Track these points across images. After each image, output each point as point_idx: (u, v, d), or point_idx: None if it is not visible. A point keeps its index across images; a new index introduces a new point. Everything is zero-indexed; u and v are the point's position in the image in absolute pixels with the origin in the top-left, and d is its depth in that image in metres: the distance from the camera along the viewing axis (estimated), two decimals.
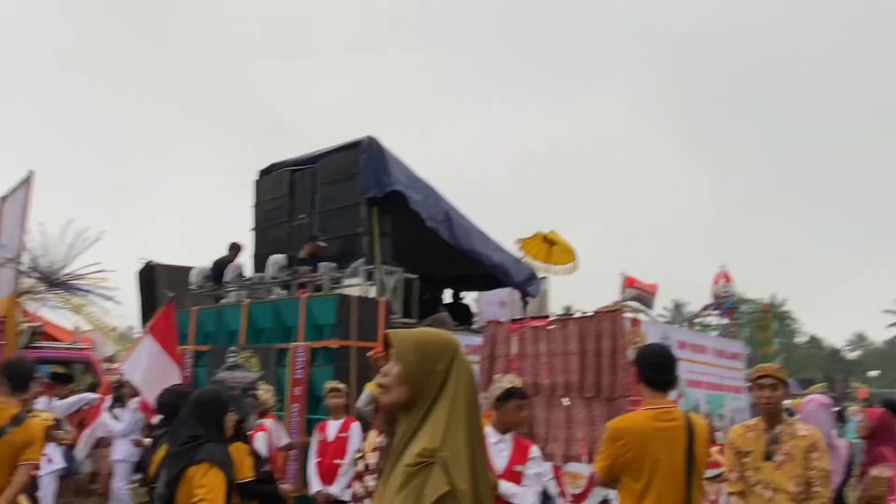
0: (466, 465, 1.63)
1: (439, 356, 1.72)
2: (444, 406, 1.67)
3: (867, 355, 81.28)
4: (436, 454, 1.59)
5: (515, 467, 3.41)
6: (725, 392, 7.05)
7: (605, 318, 6.07)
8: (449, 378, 1.71)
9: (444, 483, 1.55)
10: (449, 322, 9.08)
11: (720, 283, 9.36)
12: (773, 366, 3.77)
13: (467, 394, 1.72)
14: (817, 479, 3.24)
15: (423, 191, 8.89)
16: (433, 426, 1.65)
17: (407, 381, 1.70)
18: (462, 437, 1.65)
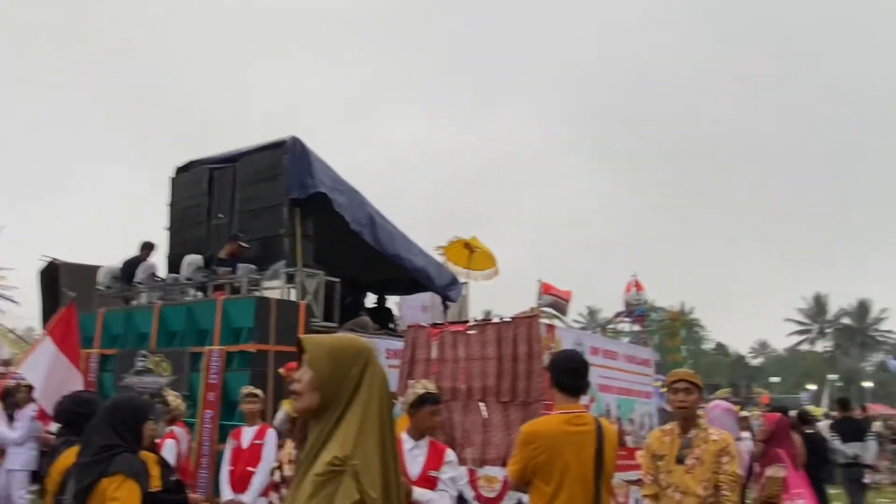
0: (378, 472, 1.63)
1: (352, 362, 1.71)
2: (357, 412, 1.67)
3: (769, 362, 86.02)
4: (347, 462, 1.58)
5: (430, 472, 3.41)
6: (635, 397, 7.33)
7: (522, 323, 6.20)
8: (362, 384, 1.71)
9: (355, 491, 1.55)
10: (370, 326, 9.05)
11: (632, 292, 9.72)
12: (688, 371, 3.86)
13: (381, 400, 1.72)
14: (726, 483, 3.34)
15: (348, 194, 8.83)
16: (345, 433, 1.64)
17: (319, 387, 1.69)
18: (374, 443, 1.66)
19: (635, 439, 7.14)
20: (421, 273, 9.76)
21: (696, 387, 3.63)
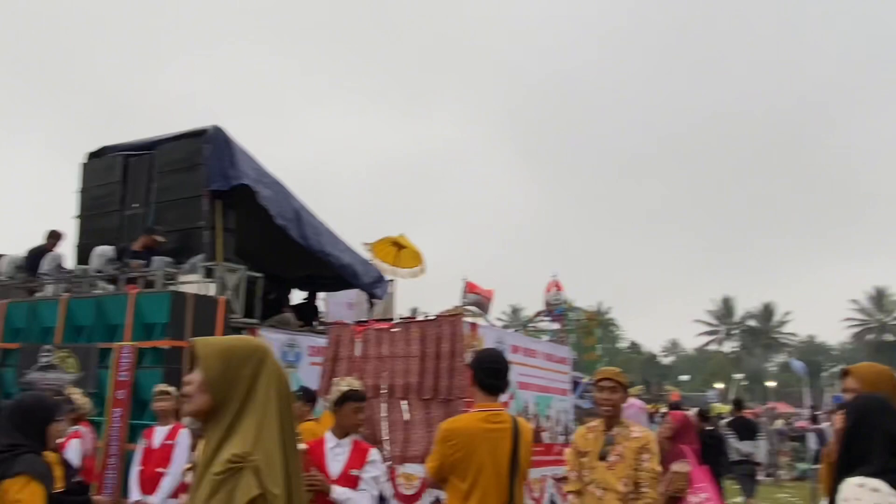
0: (280, 469, 1.63)
1: (244, 362, 1.70)
2: (255, 412, 1.67)
3: (679, 361, 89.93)
4: (247, 459, 1.58)
5: (352, 471, 3.38)
6: (552, 394, 7.52)
7: (446, 321, 6.26)
8: (257, 384, 1.70)
9: (255, 486, 1.55)
10: (293, 323, 8.91)
11: (552, 291, 9.96)
12: (614, 370, 3.90)
13: (279, 399, 1.72)
14: (645, 479, 3.44)
15: (273, 187, 8.65)
16: (244, 432, 1.63)
17: (209, 388, 1.67)
18: (275, 441, 1.66)
19: (551, 435, 7.33)
20: (347, 270, 9.68)
21: (622, 385, 3.72)
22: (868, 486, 2.16)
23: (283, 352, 8.16)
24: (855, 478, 2.22)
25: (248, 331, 7.67)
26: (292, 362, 8.22)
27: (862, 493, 2.15)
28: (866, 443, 2.29)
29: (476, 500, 2.97)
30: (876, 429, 2.32)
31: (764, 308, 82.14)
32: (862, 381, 2.95)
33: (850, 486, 2.20)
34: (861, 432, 2.33)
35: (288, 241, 8.81)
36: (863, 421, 2.36)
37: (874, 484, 2.16)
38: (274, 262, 10.02)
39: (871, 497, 2.14)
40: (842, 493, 2.23)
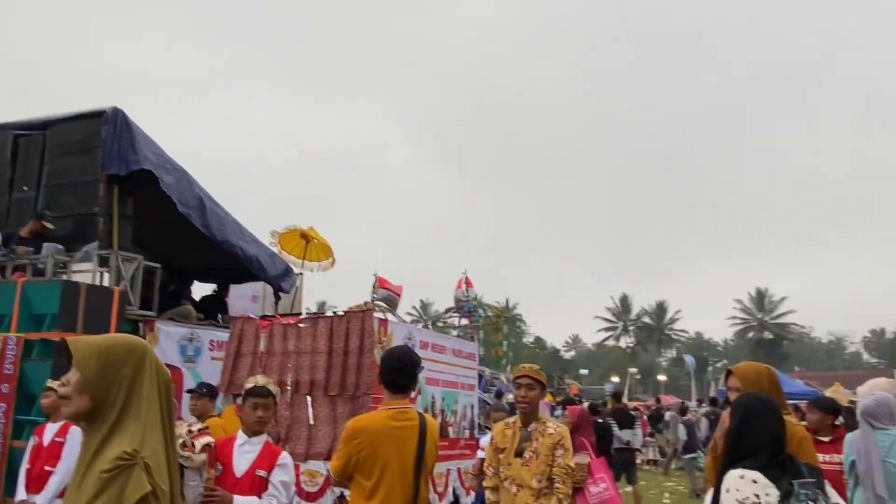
0: (165, 467, 1.65)
1: (124, 361, 1.69)
2: (138, 411, 1.67)
3: (580, 355, 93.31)
4: (136, 456, 1.57)
5: (258, 471, 3.31)
6: (459, 389, 7.65)
7: (355, 317, 6.24)
8: (138, 382, 1.69)
9: (146, 483, 1.55)
10: (193, 315, 8.61)
11: (462, 288, 10.11)
12: (532, 367, 3.94)
13: (160, 397, 1.72)
14: (558, 475, 3.53)
15: (176, 173, 8.30)
16: (130, 431, 1.63)
17: (87, 389, 1.65)
18: (159, 440, 1.67)
19: (457, 430, 7.46)
20: (252, 261, 9.42)
21: (539, 383, 3.80)
22: (748, 477, 2.35)
23: (182, 346, 7.89)
24: (737, 469, 2.40)
25: (144, 324, 7.37)
26: (191, 357, 7.96)
27: (742, 484, 2.35)
28: (752, 441, 2.49)
29: (380, 498, 3.00)
30: (761, 428, 2.52)
31: (658, 306, 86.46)
32: (744, 380, 3.20)
33: (733, 478, 2.39)
34: (747, 431, 2.53)
35: (190, 230, 8.49)
36: (748, 420, 2.55)
37: (753, 475, 2.35)
38: (175, 252, 9.64)
39: (750, 487, 2.33)
40: (724, 483, 2.42)
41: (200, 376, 7.98)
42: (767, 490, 2.33)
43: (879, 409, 4.64)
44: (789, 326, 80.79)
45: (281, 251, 10.59)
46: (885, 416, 4.63)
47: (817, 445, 4.94)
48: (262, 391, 3.55)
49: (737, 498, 2.34)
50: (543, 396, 3.77)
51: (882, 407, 4.65)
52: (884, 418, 4.61)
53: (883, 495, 4.38)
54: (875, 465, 4.46)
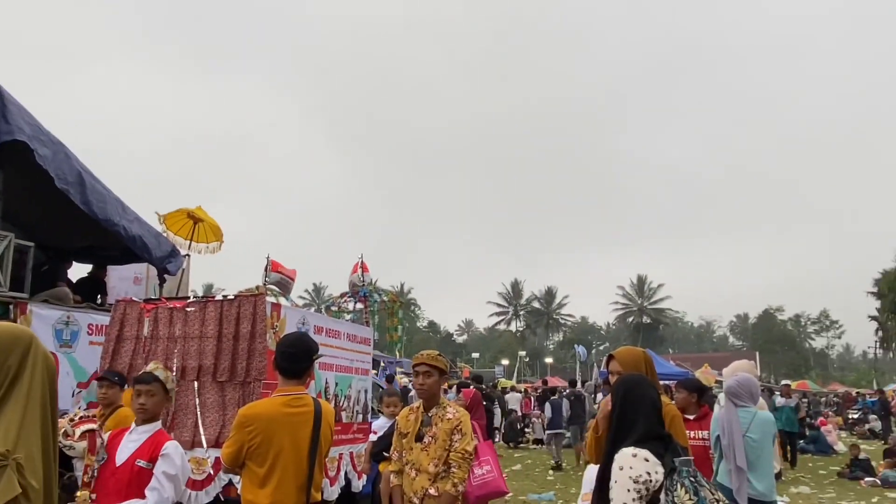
0: (40, 462, 1.60)
1: (9, 351, 1.62)
2: (18, 403, 1.61)
3: (472, 339, 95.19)
4: (9, 457, 1.53)
5: (138, 461, 3.18)
6: (353, 374, 7.65)
7: (247, 301, 6.09)
8: (22, 373, 1.63)
9: (16, 486, 1.51)
10: (69, 298, 8.10)
11: (357, 273, 10.06)
12: (430, 354, 3.97)
13: (43, 388, 1.67)
14: (455, 460, 3.58)
15: (52, 146, 7.71)
16: (6, 425, 1.58)
17: None
18: (36, 434, 1.62)
19: (349, 414, 7.46)
20: (136, 241, 8.92)
21: (437, 369, 3.84)
22: (640, 455, 2.50)
23: (58, 330, 7.42)
24: (629, 448, 2.54)
25: (15, 306, 6.87)
26: (68, 342, 7.50)
27: (636, 462, 2.49)
28: (634, 412, 2.66)
29: (273, 485, 2.97)
30: (641, 398, 2.70)
31: (547, 291, 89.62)
32: (624, 364, 3.44)
33: (626, 456, 2.52)
34: (629, 404, 2.70)
35: (68, 207, 7.93)
36: (630, 394, 2.73)
37: (645, 454, 2.51)
38: (51, 230, 9.00)
39: (643, 465, 2.48)
40: (617, 461, 2.55)
41: (77, 362, 7.55)
42: (656, 468, 2.49)
43: (741, 389, 5.08)
44: (665, 311, 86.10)
45: (166, 231, 10.11)
46: (745, 395, 5.07)
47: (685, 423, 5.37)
48: (144, 377, 3.42)
49: (630, 476, 2.47)
50: (443, 382, 3.81)
51: (743, 387, 5.10)
52: (745, 397, 5.06)
53: (742, 467, 4.82)
54: (736, 439, 4.89)
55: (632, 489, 2.46)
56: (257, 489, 2.98)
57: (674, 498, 2.45)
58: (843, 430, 24.06)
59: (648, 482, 2.46)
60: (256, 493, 2.98)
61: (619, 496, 2.48)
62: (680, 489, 2.46)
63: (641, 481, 2.46)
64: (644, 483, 2.46)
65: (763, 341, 77.71)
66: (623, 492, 2.47)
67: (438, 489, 3.56)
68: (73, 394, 7.17)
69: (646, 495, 2.47)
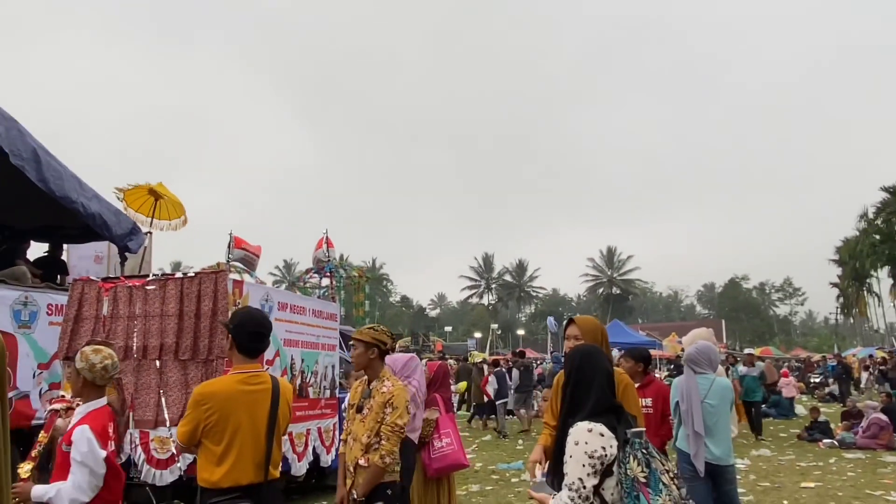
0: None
1: None
2: None
3: (445, 313, 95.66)
4: None
5: (64, 446, 3.09)
6: (320, 350, 7.62)
7: (208, 278, 6.01)
8: None
9: None
10: (26, 277, 7.91)
11: (322, 248, 9.97)
12: (362, 329, 4.03)
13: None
14: (384, 432, 3.63)
15: (4, 122, 7.45)
16: None
17: None
18: None
19: (316, 390, 7.45)
20: (95, 219, 8.71)
21: (362, 342, 3.87)
22: (596, 430, 2.51)
23: (16, 310, 7.25)
24: (584, 422, 2.55)
25: None
26: (26, 322, 7.34)
27: (591, 437, 2.50)
28: (588, 383, 2.68)
29: (230, 463, 2.95)
30: (595, 369, 2.72)
31: (518, 264, 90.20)
32: (583, 330, 3.49)
33: (581, 430, 2.53)
34: (582, 373, 2.72)
35: (24, 185, 7.71)
36: (584, 363, 2.75)
37: (600, 429, 2.52)
38: (7, 209, 8.75)
39: (598, 440, 2.50)
40: (572, 436, 2.56)
41: (37, 343, 7.40)
42: (611, 442, 2.52)
43: (699, 357, 5.18)
44: (634, 282, 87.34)
45: (127, 208, 9.90)
46: (704, 362, 5.17)
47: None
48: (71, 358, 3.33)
49: (585, 451, 2.49)
50: (373, 355, 3.83)
51: (702, 354, 5.19)
52: (703, 364, 5.16)
53: (700, 432, 4.93)
54: (695, 405, 4.99)
55: (587, 464, 2.48)
56: (214, 467, 2.96)
57: (626, 470, 2.48)
58: (804, 395, 24.79)
59: (603, 456, 2.49)
60: (213, 471, 2.96)
61: (574, 471, 2.51)
62: (632, 461, 2.49)
63: (597, 456, 2.48)
64: (599, 458, 2.48)
65: (729, 309, 79.48)
66: (578, 467, 2.50)
67: (368, 460, 3.61)
68: (33, 374, 7.04)
69: (600, 469, 2.50)
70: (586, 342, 3.50)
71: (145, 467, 5.64)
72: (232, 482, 2.96)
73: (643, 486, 2.47)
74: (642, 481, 2.48)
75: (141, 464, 5.66)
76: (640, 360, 5.62)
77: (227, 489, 2.96)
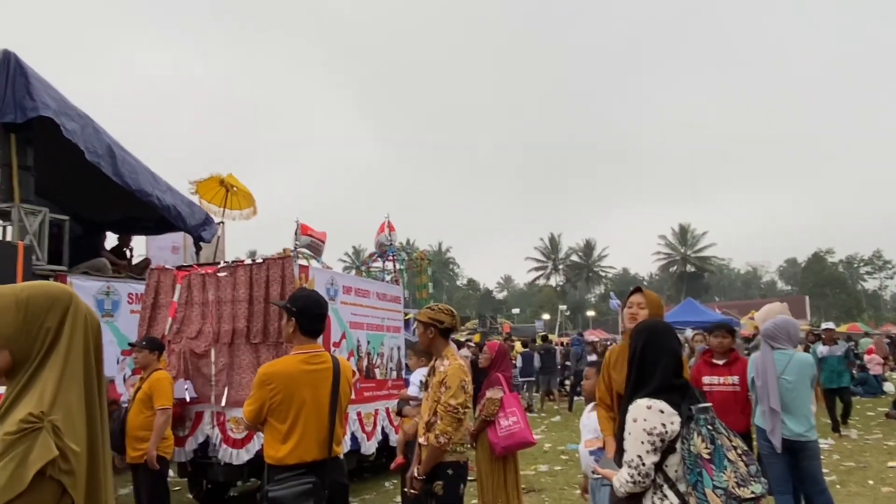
0: (83, 425, 1.56)
1: (47, 312, 1.58)
2: (56, 365, 1.56)
3: (512, 295, 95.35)
4: (44, 418, 1.49)
5: None
6: (385, 332, 7.72)
7: (275, 264, 6.16)
8: (61, 335, 1.60)
9: (53, 447, 1.47)
10: (107, 268, 8.33)
11: (384, 233, 10.07)
12: (422, 311, 4.04)
13: (86, 350, 1.63)
14: (440, 412, 3.64)
15: (80, 120, 7.84)
16: (41, 389, 1.53)
17: (7, 343, 1.55)
18: (77, 396, 1.57)
19: (383, 372, 7.56)
20: (170, 211, 9.10)
21: (422, 323, 3.87)
22: (655, 407, 2.46)
23: (99, 300, 7.65)
24: (644, 399, 2.50)
25: (55, 278, 7.08)
26: (109, 311, 7.74)
27: (650, 414, 2.45)
28: (654, 361, 2.60)
29: (295, 441, 3.02)
30: (661, 347, 2.64)
31: (586, 244, 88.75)
32: (649, 302, 3.44)
33: (640, 408, 2.48)
34: (649, 352, 2.64)
35: (101, 180, 8.10)
36: (651, 342, 2.67)
37: (660, 405, 2.46)
38: (86, 203, 9.22)
39: (657, 417, 2.44)
40: (631, 413, 2.51)
41: (119, 330, 7.79)
42: (672, 419, 2.45)
43: (777, 331, 4.96)
44: (710, 259, 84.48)
45: (200, 200, 10.27)
46: (783, 337, 4.96)
47: (713, 368, 5.27)
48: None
49: (644, 428, 2.45)
50: (432, 334, 3.82)
51: (780, 329, 4.98)
52: (782, 339, 4.95)
53: (776, 409, 4.74)
54: (770, 381, 4.79)
55: (645, 441, 2.43)
56: (279, 444, 3.04)
57: (689, 446, 2.41)
58: (894, 372, 23.51)
59: (664, 433, 2.43)
60: (279, 449, 3.04)
61: (633, 448, 2.46)
62: (696, 437, 2.42)
63: (656, 433, 2.43)
64: (659, 434, 2.43)
65: (813, 285, 75.94)
66: (637, 444, 2.45)
67: (427, 439, 3.63)
68: (117, 361, 7.43)
69: (661, 446, 2.44)
70: (650, 313, 3.43)
71: (222, 447, 5.86)
72: (297, 459, 3.03)
73: (707, 462, 2.39)
74: (706, 457, 2.40)
75: (218, 443, 5.89)
76: (732, 334, 5.42)
77: (293, 465, 3.03)
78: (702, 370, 5.33)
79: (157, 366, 5.18)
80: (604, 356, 4.05)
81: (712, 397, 4.89)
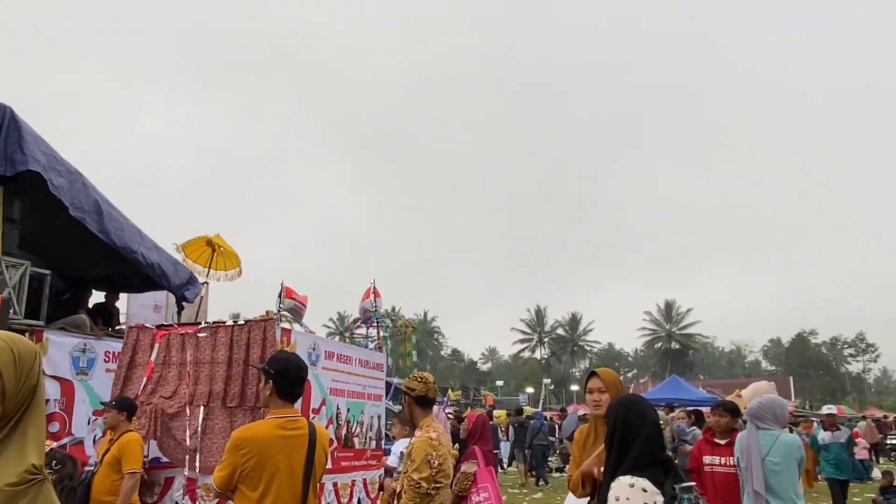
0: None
1: (32, 365, 1.58)
2: (37, 417, 1.56)
3: (496, 367, 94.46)
4: (42, 470, 1.49)
5: None
6: (366, 400, 7.56)
7: (257, 327, 6.08)
8: (38, 387, 1.59)
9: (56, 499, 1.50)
10: (85, 325, 8.17)
11: (369, 298, 10.03)
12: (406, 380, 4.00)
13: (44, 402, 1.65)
14: (404, 485, 3.57)
15: (69, 175, 7.86)
16: (35, 440, 1.52)
17: (7, 397, 1.51)
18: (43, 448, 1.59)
19: (362, 441, 7.36)
20: (154, 269, 9.02)
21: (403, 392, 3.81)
22: (638, 485, 2.38)
23: (75, 357, 7.48)
24: (626, 477, 2.43)
25: (31, 334, 6.94)
26: (84, 369, 7.55)
27: (632, 493, 2.37)
28: (634, 435, 2.55)
29: None
30: (641, 419, 2.59)
31: (571, 317, 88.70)
32: (607, 382, 3.39)
33: (622, 486, 2.41)
34: (628, 427, 2.59)
35: (88, 236, 8.05)
36: (629, 415, 2.62)
37: (643, 484, 2.39)
38: (72, 259, 9.14)
39: (640, 496, 2.36)
40: (614, 490, 2.43)
41: (93, 389, 7.58)
42: (655, 498, 2.38)
43: (763, 411, 4.89)
44: (695, 337, 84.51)
45: (185, 259, 10.22)
46: (769, 417, 4.88)
47: (715, 448, 5.15)
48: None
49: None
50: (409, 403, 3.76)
51: (765, 409, 4.90)
52: (767, 419, 4.86)
53: (760, 491, 4.62)
54: (754, 462, 4.69)
55: None
56: None
57: None
58: (881, 457, 23.25)
59: None
60: None
61: None
62: None
63: None
64: None
65: (797, 365, 75.89)
66: None
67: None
68: (88, 421, 7.20)
69: None
70: (612, 395, 3.36)
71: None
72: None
73: None
74: None
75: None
76: (737, 413, 5.31)
77: None
78: (703, 449, 5.19)
79: (128, 427, 5.02)
80: None
81: (713, 478, 4.77)
